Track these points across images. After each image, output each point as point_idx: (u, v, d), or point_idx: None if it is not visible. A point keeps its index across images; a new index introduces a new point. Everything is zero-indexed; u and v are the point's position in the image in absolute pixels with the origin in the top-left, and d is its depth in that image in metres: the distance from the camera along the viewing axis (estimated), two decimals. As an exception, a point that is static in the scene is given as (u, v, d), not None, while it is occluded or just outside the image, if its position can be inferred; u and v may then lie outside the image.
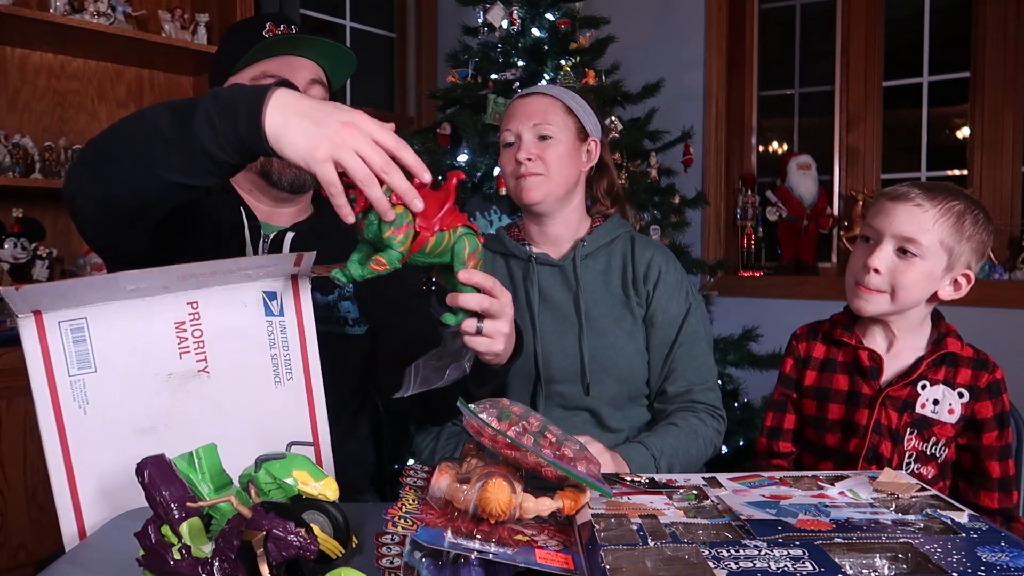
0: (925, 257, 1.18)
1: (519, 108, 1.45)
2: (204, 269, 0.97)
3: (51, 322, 0.94)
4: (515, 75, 2.46)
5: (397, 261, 0.91)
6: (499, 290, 1.01)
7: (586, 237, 1.48)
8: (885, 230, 1.19)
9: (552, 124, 1.42)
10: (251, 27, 1.33)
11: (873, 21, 3.09)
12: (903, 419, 1.22)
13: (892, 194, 1.21)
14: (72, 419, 0.96)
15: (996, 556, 0.68)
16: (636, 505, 0.84)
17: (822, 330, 1.34)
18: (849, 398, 1.26)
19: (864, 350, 1.25)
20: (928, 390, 1.22)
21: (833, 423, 1.27)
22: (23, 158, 2.47)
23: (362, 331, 1.35)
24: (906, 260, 1.19)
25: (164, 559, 0.72)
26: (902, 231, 1.18)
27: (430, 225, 0.91)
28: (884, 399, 1.22)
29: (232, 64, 1.30)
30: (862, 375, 1.25)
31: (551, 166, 1.41)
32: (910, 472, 1.22)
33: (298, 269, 1.06)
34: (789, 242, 3.20)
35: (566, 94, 1.47)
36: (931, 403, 1.21)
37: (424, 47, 3.80)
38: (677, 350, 1.44)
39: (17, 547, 2.28)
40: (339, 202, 0.86)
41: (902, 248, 1.19)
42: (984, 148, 2.87)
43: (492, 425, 0.80)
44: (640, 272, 1.45)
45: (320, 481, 0.81)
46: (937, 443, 1.22)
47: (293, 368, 1.07)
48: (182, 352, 1.01)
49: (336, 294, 1.34)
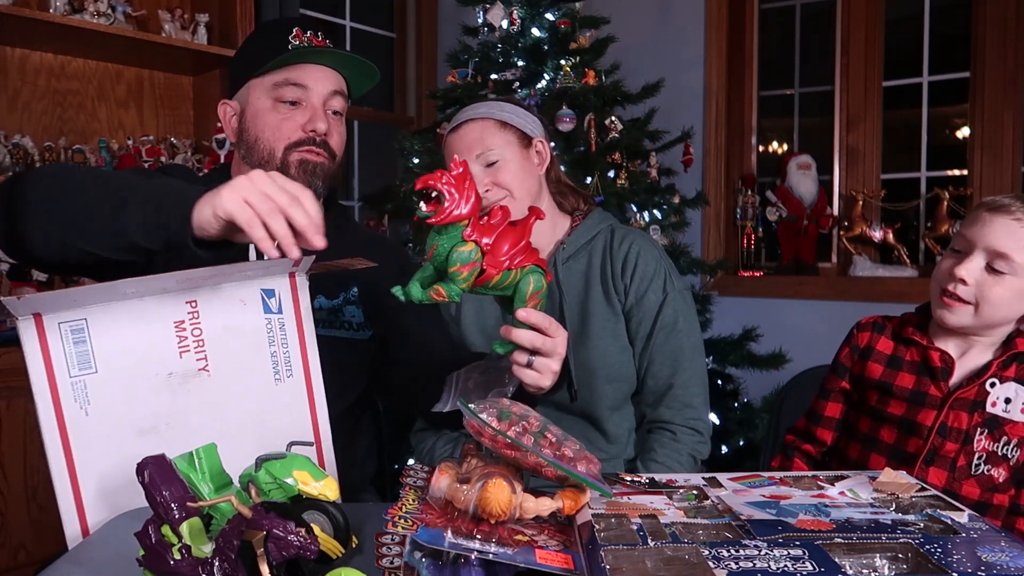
0: (1017, 274, 1.13)
1: (456, 143, 1.43)
2: (203, 274, 0.97)
3: (51, 324, 0.94)
4: (515, 75, 2.46)
5: (457, 296, 0.92)
6: (554, 329, 1.02)
7: (566, 238, 1.47)
8: (978, 242, 1.15)
9: (493, 147, 1.39)
10: (278, 31, 1.32)
11: (873, 21, 3.09)
12: (974, 419, 1.18)
13: (991, 205, 1.16)
14: (73, 420, 0.96)
15: (996, 556, 0.68)
16: (636, 505, 0.84)
17: (891, 325, 1.30)
18: (913, 397, 1.22)
19: (936, 351, 1.21)
20: (998, 388, 1.17)
21: (893, 418, 1.23)
22: (23, 158, 2.47)
23: (367, 336, 1.35)
24: (995, 276, 1.14)
25: (164, 559, 0.72)
26: (995, 245, 1.13)
27: (498, 263, 0.92)
28: (953, 401, 1.18)
29: (256, 67, 1.29)
30: (931, 376, 1.21)
31: (510, 187, 1.39)
32: (980, 475, 1.18)
33: (297, 269, 1.06)
34: (789, 242, 3.20)
35: (494, 108, 1.45)
36: (1003, 401, 1.17)
37: (424, 47, 3.80)
38: (654, 341, 1.42)
39: (17, 547, 2.28)
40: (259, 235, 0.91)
41: (992, 264, 1.14)
42: (984, 148, 2.87)
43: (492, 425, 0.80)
44: (618, 267, 1.44)
45: (320, 481, 0.81)
46: (1009, 443, 1.17)
47: (293, 365, 1.07)
48: (182, 351, 1.01)
49: (341, 298, 1.34)
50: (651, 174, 2.58)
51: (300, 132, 1.28)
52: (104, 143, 2.68)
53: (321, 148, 1.29)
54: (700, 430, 1.43)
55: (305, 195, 0.94)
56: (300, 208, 0.92)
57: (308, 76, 1.28)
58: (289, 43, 1.28)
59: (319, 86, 1.29)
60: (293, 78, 1.28)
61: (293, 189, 0.93)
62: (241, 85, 1.32)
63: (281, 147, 1.29)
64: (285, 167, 1.29)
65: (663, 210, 2.58)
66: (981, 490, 1.19)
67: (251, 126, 1.30)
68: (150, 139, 2.77)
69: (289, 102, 1.28)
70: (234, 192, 0.92)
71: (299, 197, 0.93)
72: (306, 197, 0.93)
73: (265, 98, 1.29)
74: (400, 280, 1.30)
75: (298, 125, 1.28)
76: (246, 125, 1.31)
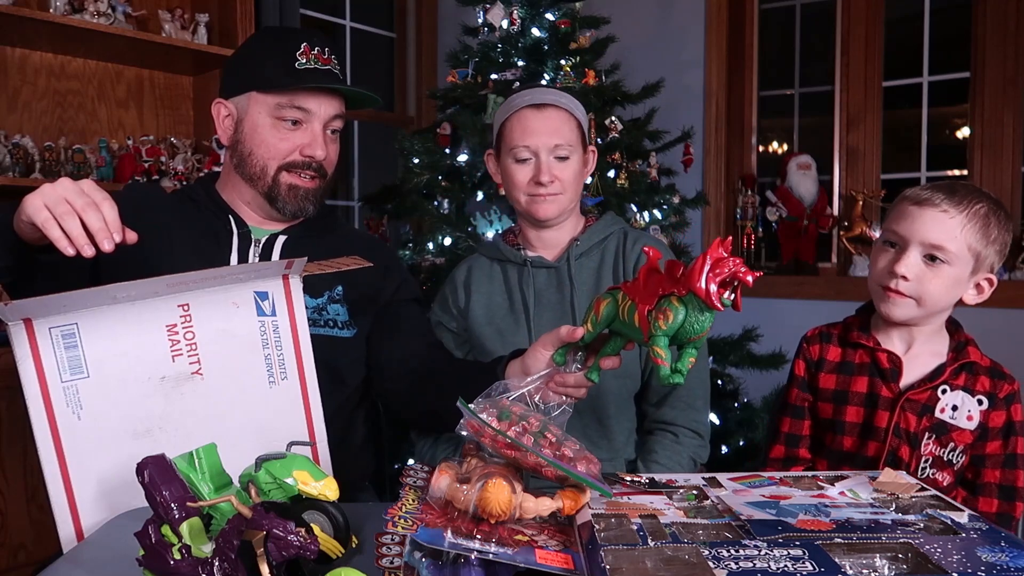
0: (953, 264, 1.16)
1: (536, 123, 1.40)
2: (194, 278, 0.97)
3: (41, 329, 0.94)
4: (515, 75, 2.46)
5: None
6: None
7: (580, 236, 1.49)
8: (912, 237, 1.17)
9: (570, 144, 1.41)
10: (285, 47, 1.29)
11: (873, 21, 3.09)
12: (922, 423, 1.20)
13: (916, 198, 1.18)
14: (66, 425, 0.96)
15: (996, 556, 0.68)
16: (636, 505, 0.84)
17: (835, 332, 1.32)
18: (868, 400, 1.24)
19: (883, 352, 1.24)
20: (948, 395, 1.20)
21: (852, 426, 1.25)
22: (23, 158, 2.46)
23: (351, 334, 1.35)
24: (934, 267, 1.16)
25: (164, 559, 0.72)
26: (930, 238, 1.15)
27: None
28: (904, 402, 1.21)
29: (261, 83, 1.29)
30: (881, 377, 1.24)
31: (567, 184, 1.42)
32: (925, 478, 1.20)
33: (290, 271, 1.06)
34: (789, 242, 3.20)
35: (574, 105, 1.46)
36: (950, 408, 1.20)
37: (424, 47, 3.80)
38: None
39: (17, 547, 2.28)
40: (55, 234, 0.97)
41: (930, 255, 1.16)
42: (984, 148, 2.87)
43: (492, 425, 0.80)
44: (631, 266, 1.46)
45: (320, 481, 0.81)
46: (955, 449, 1.20)
47: (287, 368, 1.07)
48: (174, 355, 1.01)
49: (326, 296, 1.34)
50: (651, 174, 2.58)
51: (297, 155, 1.30)
52: (104, 143, 2.68)
53: (315, 172, 1.32)
54: (701, 433, 1.44)
55: (105, 203, 0.99)
56: (96, 212, 0.97)
57: (313, 100, 1.29)
58: (296, 60, 1.28)
59: (323, 110, 1.30)
60: (298, 102, 1.28)
61: (94, 195, 0.99)
62: (241, 92, 1.32)
63: (275, 165, 1.30)
64: (276, 186, 1.31)
65: (663, 210, 2.57)
66: None
67: (247, 139, 1.31)
68: (150, 139, 2.77)
69: (291, 121, 1.29)
70: (35, 197, 0.98)
71: (97, 203, 0.98)
72: (106, 205, 0.99)
73: (266, 115, 1.29)
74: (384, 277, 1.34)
75: (296, 146, 1.30)
76: (242, 136, 1.32)
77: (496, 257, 1.53)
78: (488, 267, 1.54)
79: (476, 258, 1.57)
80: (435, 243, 2.46)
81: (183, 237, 1.30)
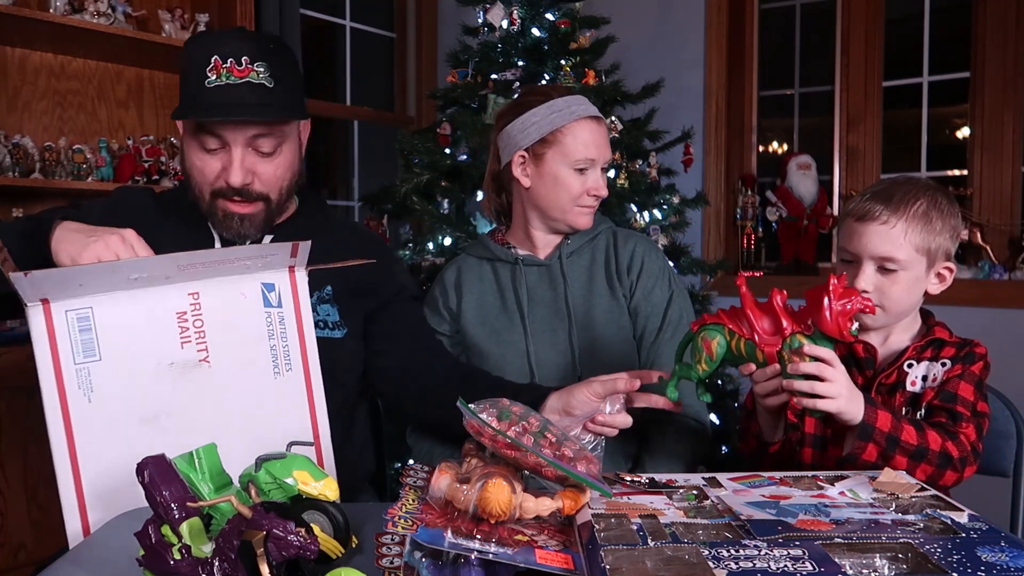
0: (907, 268, 1.20)
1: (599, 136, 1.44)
2: (203, 258, 1.00)
3: (58, 311, 0.97)
4: (515, 75, 2.46)
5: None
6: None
7: (570, 236, 1.50)
8: (862, 253, 1.21)
9: (610, 158, 1.46)
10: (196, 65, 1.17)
11: (873, 21, 3.09)
12: (897, 399, 1.23)
13: (856, 213, 1.22)
14: (77, 406, 0.98)
15: (996, 556, 0.68)
16: (636, 505, 0.84)
17: None
18: None
19: (859, 343, 1.26)
20: (915, 368, 1.24)
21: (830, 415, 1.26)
22: (23, 158, 2.46)
23: (342, 334, 1.34)
24: (890, 276, 1.21)
25: (164, 559, 0.72)
26: (878, 252, 1.20)
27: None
28: (877, 387, 1.24)
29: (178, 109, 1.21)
30: (857, 367, 1.27)
31: (603, 197, 1.46)
32: None
33: (295, 260, 1.07)
34: (789, 242, 3.20)
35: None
36: (920, 379, 1.23)
37: (424, 47, 3.79)
38: (662, 336, 1.45)
39: (17, 547, 2.28)
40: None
41: (883, 267, 1.20)
42: (984, 148, 2.87)
43: (492, 425, 0.80)
44: (624, 263, 1.48)
45: (320, 481, 0.81)
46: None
47: (292, 359, 1.09)
48: (183, 342, 1.03)
49: (315, 296, 1.33)
50: (651, 174, 2.58)
51: (221, 181, 1.21)
52: (104, 143, 2.68)
53: (244, 198, 1.22)
54: (702, 420, 1.46)
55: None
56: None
57: (223, 125, 1.17)
58: (207, 78, 1.15)
59: (237, 135, 1.18)
60: (209, 127, 1.18)
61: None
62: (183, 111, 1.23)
63: (207, 192, 1.23)
64: (213, 212, 1.24)
65: (663, 210, 2.58)
66: None
67: (184, 162, 1.26)
68: (150, 139, 2.77)
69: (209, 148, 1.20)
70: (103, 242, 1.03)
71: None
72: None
73: (190, 139, 1.22)
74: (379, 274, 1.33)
75: (217, 173, 1.21)
76: (182, 159, 1.27)
77: (485, 256, 1.54)
78: (478, 267, 1.54)
79: (464, 259, 1.57)
80: (435, 243, 2.46)
81: (168, 242, 1.29)
